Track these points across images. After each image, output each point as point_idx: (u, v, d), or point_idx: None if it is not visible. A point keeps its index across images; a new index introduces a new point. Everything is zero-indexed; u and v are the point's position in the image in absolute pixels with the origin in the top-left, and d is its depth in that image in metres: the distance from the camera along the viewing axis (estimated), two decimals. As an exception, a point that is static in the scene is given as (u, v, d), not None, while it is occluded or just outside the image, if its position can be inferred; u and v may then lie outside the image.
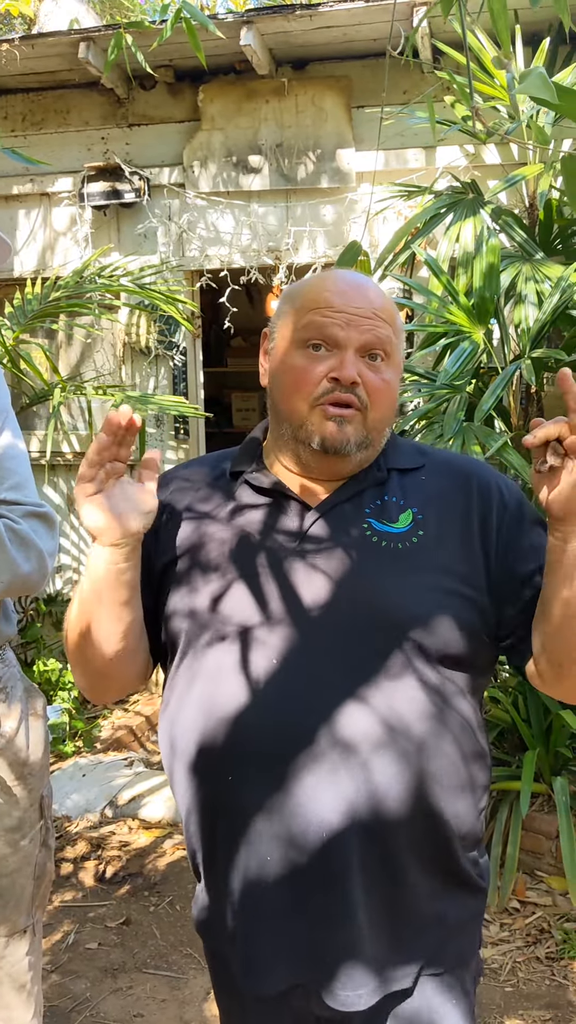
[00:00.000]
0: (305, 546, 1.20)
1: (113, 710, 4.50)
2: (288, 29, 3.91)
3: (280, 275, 4.33)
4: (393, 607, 1.16)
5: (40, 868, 1.70)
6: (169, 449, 4.67)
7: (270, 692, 1.16)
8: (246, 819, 1.17)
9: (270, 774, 1.15)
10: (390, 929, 1.15)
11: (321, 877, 1.14)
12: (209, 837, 1.23)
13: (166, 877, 3.17)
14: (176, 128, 4.44)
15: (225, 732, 1.18)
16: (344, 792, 1.12)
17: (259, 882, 1.17)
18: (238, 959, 1.20)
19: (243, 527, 1.25)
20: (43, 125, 4.57)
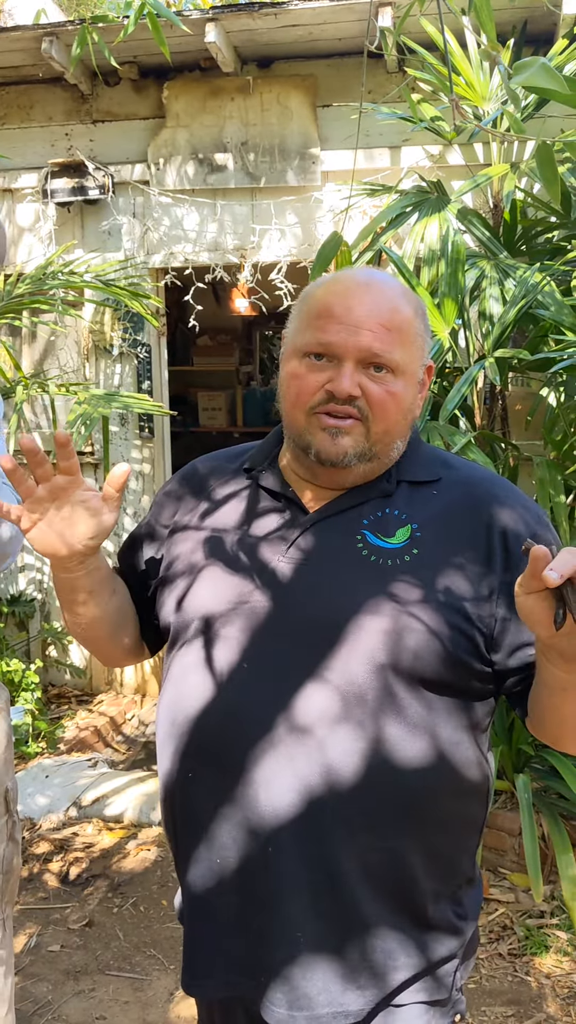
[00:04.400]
0: (292, 552, 1.19)
1: (77, 711, 4.46)
2: (253, 27, 3.90)
3: (245, 273, 4.32)
4: (363, 623, 1.12)
5: (7, 863, 1.67)
6: (134, 448, 4.64)
7: (226, 685, 1.16)
8: (201, 817, 1.17)
9: (223, 776, 1.15)
10: (339, 955, 1.11)
11: (264, 892, 1.12)
12: (173, 833, 1.24)
13: (130, 878, 3.15)
14: (141, 125, 4.42)
15: (185, 730, 1.18)
16: (295, 802, 1.10)
17: (206, 885, 1.16)
18: (182, 960, 1.21)
19: (241, 525, 1.24)
20: (5, 120, 4.52)
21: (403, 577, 1.14)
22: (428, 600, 1.12)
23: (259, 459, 1.31)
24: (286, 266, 4.26)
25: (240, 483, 1.30)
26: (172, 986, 2.59)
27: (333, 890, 1.10)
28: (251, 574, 1.19)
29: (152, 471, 4.66)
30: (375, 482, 1.22)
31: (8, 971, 1.72)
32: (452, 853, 1.17)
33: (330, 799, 1.09)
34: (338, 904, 1.10)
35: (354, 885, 1.10)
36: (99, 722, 4.29)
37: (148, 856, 3.27)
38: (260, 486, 1.27)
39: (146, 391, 4.49)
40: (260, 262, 4.31)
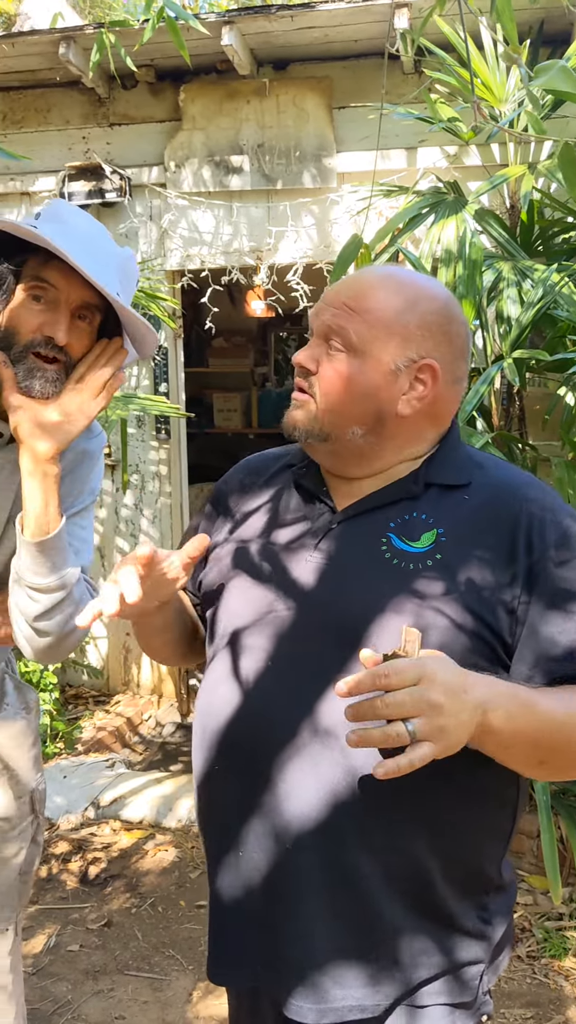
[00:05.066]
0: (318, 553, 1.20)
1: (94, 711, 4.48)
2: (269, 29, 3.91)
3: (261, 275, 4.32)
4: (385, 624, 1.11)
5: (27, 864, 1.69)
6: (151, 449, 4.65)
7: (253, 691, 1.17)
8: (227, 814, 1.19)
9: (249, 777, 1.16)
10: (355, 952, 1.11)
11: (283, 889, 1.13)
12: (203, 829, 1.27)
13: (148, 878, 3.16)
14: (157, 128, 4.43)
15: (213, 735, 1.20)
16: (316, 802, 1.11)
17: (229, 879, 1.19)
18: (208, 949, 1.22)
19: (273, 527, 1.26)
20: (23, 124, 4.54)
21: (425, 579, 1.13)
22: (450, 599, 1.11)
23: (302, 455, 1.31)
24: (302, 268, 4.26)
25: (281, 480, 1.32)
26: (191, 986, 2.60)
27: (350, 890, 1.11)
28: (277, 580, 1.20)
29: (168, 472, 4.67)
30: (403, 482, 1.21)
31: (17, 976, 1.74)
32: (473, 859, 1.16)
33: (350, 801, 1.10)
34: (355, 904, 1.11)
35: (371, 886, 1.10)
36: (116, 723, 4.30)
37: (166, 857, 3.28)
38: (297, 483, 1.28)
39: (163, 393, 4.50)
40: (276, 264, 4.32)
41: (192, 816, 3.46)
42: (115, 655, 4.80)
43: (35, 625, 1.37)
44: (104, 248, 1.35)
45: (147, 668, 4.76)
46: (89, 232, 1.35)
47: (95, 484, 1.54)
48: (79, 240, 1.29)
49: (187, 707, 4.64)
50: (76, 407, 1.33)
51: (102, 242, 1.36)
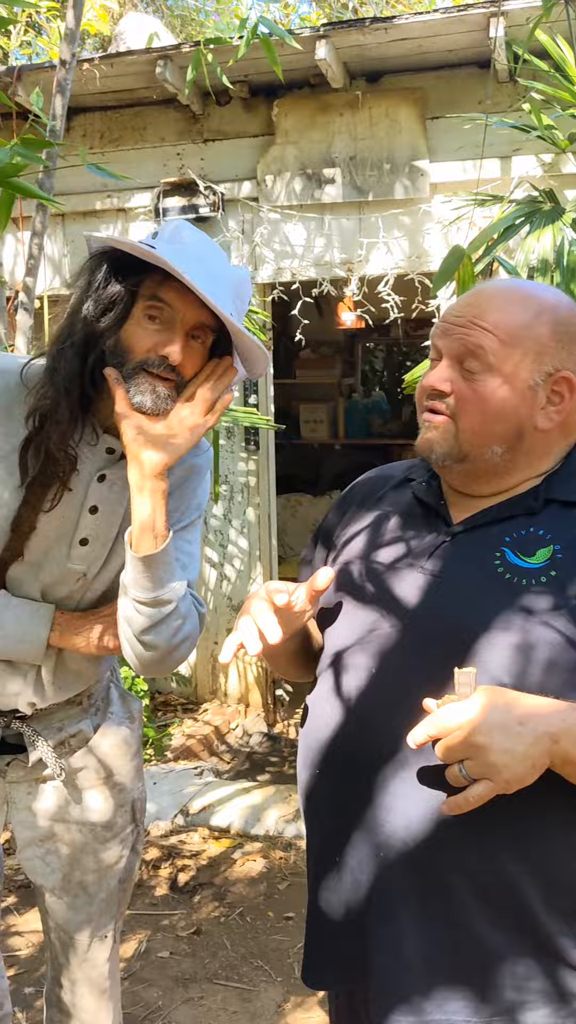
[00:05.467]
0: (429, 565, 1.20)
1: (183, 719, 4.53)
2: (363, 42, 3.92)
3: (352, 286, 4.33)
4: (492, 639, 1.10)
5: (127, 872, 1.71)
6: (240, 460, 4.69)
7: (357, 704, 1.18)
8: (326, 823, 1.21)
9: (348, 788, 1.17)
10: (443, 967, 1.09)
11: (374, 898, 1.13)
12: (308, 834, 1.28)
13: (237, 888, 3.17)
14: (250, 143, 4.49)
15: (317, 748, 1.21)
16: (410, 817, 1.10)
17: (325, 885, 1.20)
18: (304, 953, 1.24)
19: (387, 537, 1.27)
20: (120, 142, 4.65)
21: (537, 595, 1.11)
22: (561, 615, 1.09)
23: (423, 470, 1.32)
24: (393, 278, 4.25)
25: (400, 494, 1.32)
26: (280, 999, 2.60)
27: (441, 907, 1.10)
28: (384, 596, 1.20)
29: (257, 483, 4.70)
30: (522, 497, 1.20)
31: (115, 982, 1.77)
32: (563, 866, 1.12)
33: (446, 819, 1.08)
34: (445, 921, 1.10)
35: (464, 906, 1.09)
36: (204, 731, 4.34)
37: (254, 867, 3.29)
38: (416, 497, 1.28)
39: (252, 405, 4.54)
40: (367, 275, 4.32)
41: (280, 827, 3.47)
42: (203, 664, 4.84)
43: (141, 638, 1.39)
44: (220, 268, 1.36)
45: (234, 677, 4.79)
46: (206, 252, 1.36)
47: (202, 499, 1.56)
48: (196, 260, 1.30)
49: (274, 717, 4.65)
50: (186, 424, 1.34)
51: (218, 262, 1.38)
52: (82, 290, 1.37)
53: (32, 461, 1.39)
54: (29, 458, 1.39)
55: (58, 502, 1.42)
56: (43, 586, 1.49)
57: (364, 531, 1.30)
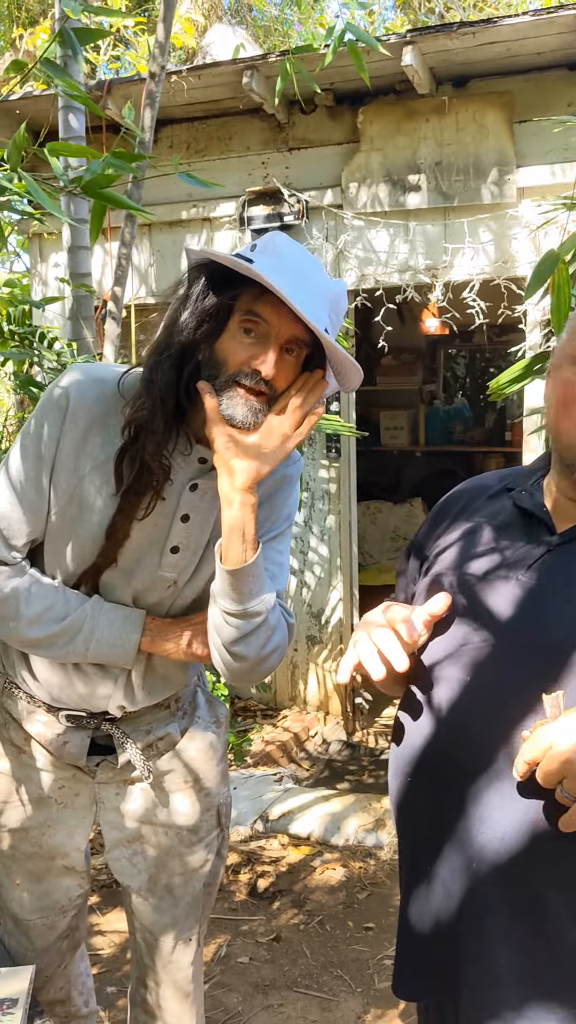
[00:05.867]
0: (530, 573, 1.18)
1: (263, 725, 4.54)
2: (450, 47, 3.89)
3: (436, 292, 4.29)
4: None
5: (212, 876, 1.72)
6: (321, 467, 4.70)
7: (451, 715, 1.16)
8: (418, 832, 1.20)
9: (441, 798, 1.15)
10: (540, 984, 1.08)
11: (465, 908, 1.12)
12: (400, 843, 1.28)
13: (316, 896, 3.17)
14: (335, 150, 4.49)
15: (409, 759, 1.20)
16: (503, 827, 1.09)
17: (417, 895, 1.19)
18: (395, 962, 1.24)
19: (486, 545, 1.24)
20: (206, 152, 4.71)
21: None
22: None
23: (522, 479, 1.30)
24: (479, 284, 4.20)
25: (498, 503, 1.30)
26: (360, 1009, 2.58)
27: (533, 921, 1.08)
28: (477, 608, 1.18)
29: (338, 490, 4.70)
30: None
31: (198, 986, 1.77)
32: None
33: (539, 832, 1.07)
34: (538, 935, 1.08)
35: (558, 921, 1.07)
36: (283, 737, 4.34)
37: (333, 875, 3.28)
38: (517, 506, 1.26)
39: (334, 412, 4.54)
40: (452, 281, 4.28)
41: (360, 836, 3.45)
42: (283, 670, 4.85)
43: (231, 649, 1.39)
44: (317, 283, 1.36)
45: (313, 684, 4.79)
46: (303, 266, 1.36)
47: (292, 509, 1.56)
48: (293, 275, 1.30)
49: (353, 726, 4.64)
50: (278, 435, 1.34)
51: (316, 276, 1.37)
52: (180, 301, 1.38)
53: (127, 470, 1.41)
54: (124, 467, 1.41)
55: (152, 511, 1.44)
56: (135, 592, 1.51)
57: (458, 542, 1.29)
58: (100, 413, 1.43)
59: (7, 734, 1.62)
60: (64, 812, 1.62)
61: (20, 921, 1.67)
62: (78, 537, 1.46)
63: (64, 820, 1.63)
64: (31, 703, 1.59)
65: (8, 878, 1.66)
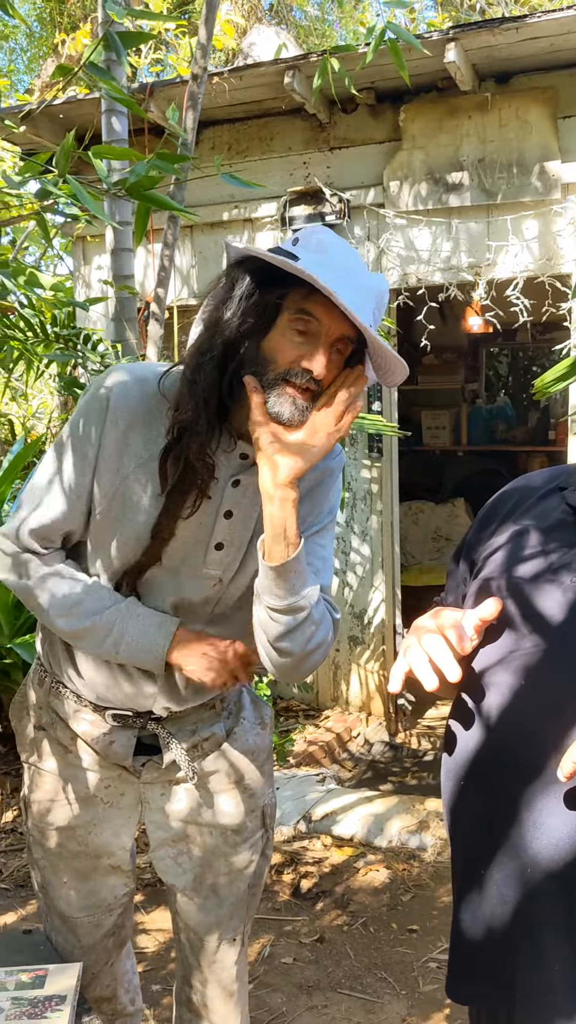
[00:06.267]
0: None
1: (305, 725, 4.54)
2: (493, 43, 3.86)
3: (479, 291, 4.26)
4: None
5: (256, 877, 1.72)
6: (363, 468, 4.68)
7: (503, 717, 1.15)
8: (470, 838, 1.19)
9: (494, 804, 1.14)
10: None
11: (520, 914, 1.10)
12: (452, 846, 1.26)
13: (359, 897, 3.15)
14: (376, 149, 4.48)
15: (461, 763, 1.19)
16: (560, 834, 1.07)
17: (470, 897, 1.17)
18: (448, 965, 1.22)
19: (535, 548, 1.22)
20: (248, 153, 4.72)
21: None
22: None
23: (574, 477, 1.28)
24: (522, 282, 4.16)
25: (549, 503, 1.28)
26: (404, 1012, 2.56)
27: None
28: (528, 612, 1.17)
29: (380, 490, 4.68)
30: None
31: (243, 986, 1.77)
32: None
33: None
34: None
35: None
36: (326, 738, 4.34)
37: (377, 877, 3.27)
38: (569, 504, 1.24)
39: (376, 412, 4.52)
40: (495, 279, 4.24)
41: (403, 838, 3.43)
42: (324, 671, 4.85)
43: (276, 645, 1.39)
44: (363, 280, 1.35)
45: (356, 685, 4.78)
46: (348, 263, 1.35)
47: (334, 503, 1.55)
48: (340, 272, 1.29)
49: (396, 727, 4.61)
50: (321, 434, 1.34)
51: (360, 272, 1.36)
52: (221, 300, 1.38)
53: (171, 470, 1.41)
54: (168, 467, 1.41)
55: (197, 509, 1.44)
56: (180, 591, 1.51)
57: (506, 545, 1.27)
58: (142, 412, 1.43)
59: (54, 734, 1.64)
60: (110, 811, 1.63)
61: (67, 919, 1.68)
62: (123, 536, 1.46)
63: (110, 819, 1.63)
64: (78, 702, 1.59)
65: (55, 876, 1.67)
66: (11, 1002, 1.45)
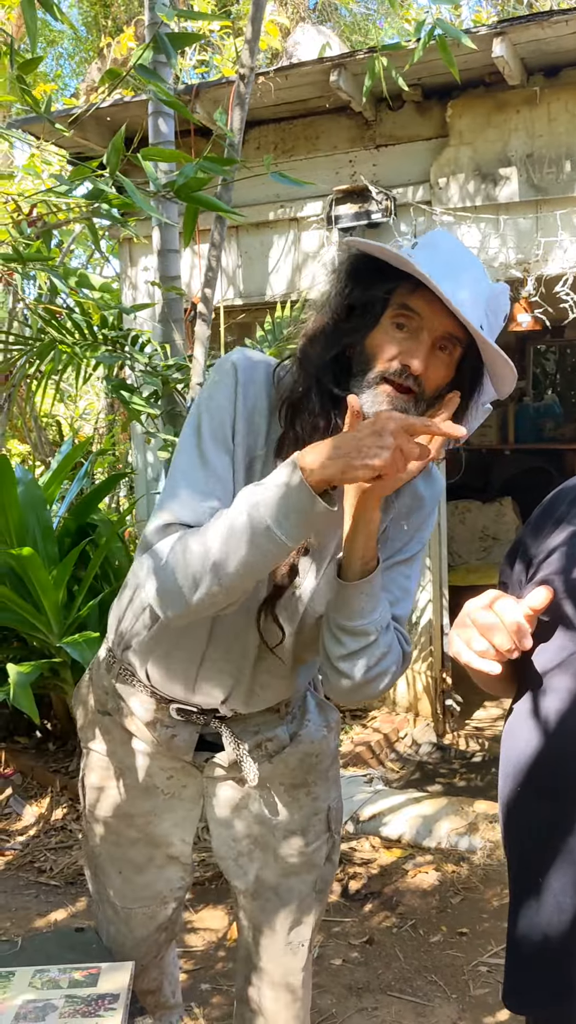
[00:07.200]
0: None
1: (352, 725, 4.52)
2: (542, 37, 3.80)
3: (528, 287, 4.21)
4: None
5: (322, 882, 1.69)
6: (410, 466, 4.64)
7: (562, 722, 1.13)
8: (528, 842, 1.17)
9: (552, 806, 1.12)
10: None
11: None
12: (507, 851, 1.25)
13: (408, 899, 3.13)
14: (423, 146, 4.44)
15: (520, 767, 1.17)
16: None
17: (528, 905, 1.15)
18: (505, 972, 1.21)
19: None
20: (293, 152, 4.71)
21: None
22: None
23: None
24: (572, 278, 4.10)
25: None
26: (455, 1015, 2.54)
27: None
28: None
29: (427, 490, 4.64)
30: None
31: (306, 993, 1.75)
32: None
33: None
34: None
35: None
36: (373, 738, 4.32)
37: (426, 879, 3.24)
38: None
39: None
40: (544, 275, 4.19)
41: (452, 840, 3.40)
42: (371, 671, 4.82)
43: (337, 665, 1.36)
44: (475, 279, 1.30)
45: (403, 685, 4.75)
46: (462, 262, 1.31)
47: (426, 533, 1.49)
48: (448, 267, 1.25)
49: (444, 728, 4.58)
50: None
51: (473, 272, 1.31)
52: (335, 291, 1.35)
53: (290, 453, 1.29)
54: (286, 452, 1.31)
55: None
56: None
57: (563, 546, 1.24)
58: (265, 394, 1.39)
59: (118, 719, 1.62)
60: (172, 802, 1.62)
61: (120, 909, 1.67)
62: None
63: (172, 809, 1.62)
64: (143, 691, 1.57)
65: (111, 866, 1.67)
66: (65, 1000, 1.46)
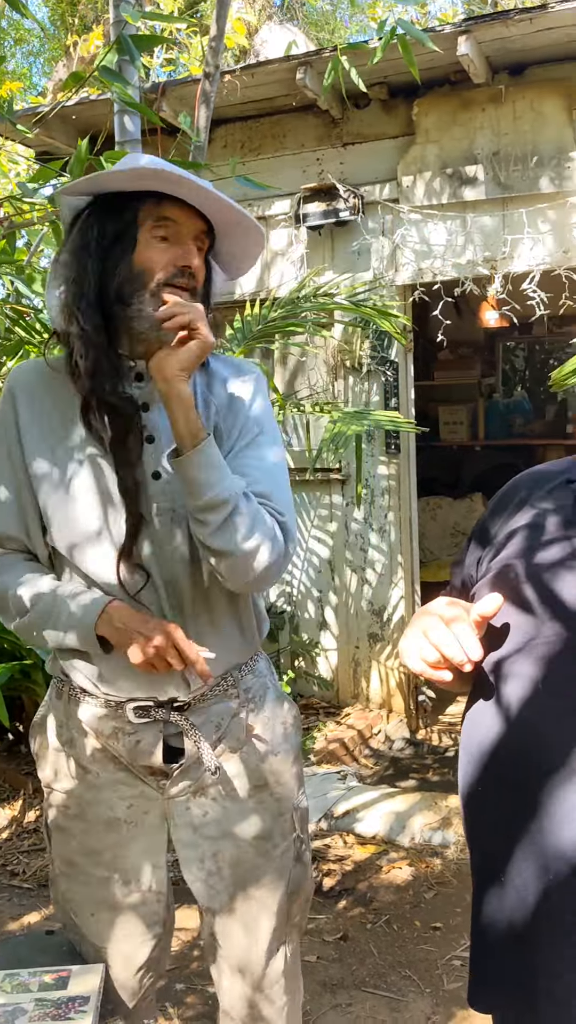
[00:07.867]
0: None
1: (327, 722, 4.54)
2: (507, 35, 3.83)
3: (495, 285, 4.23)
4: None
5: (295, 884, 1.66)
6: (380, 464, 4.67)
7: (520, 715, 1.13)
8: (488, 836, 1.17)
9: (514, 800, 1.12)
10: None
11: (539, 918, 1.08)
12: (470, 846, 1.24)
13: (382, 895, 3.15)
14: (390, 144, 4.46)
15: (479, 758, 1.17)
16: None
17: (488, 899, 1.15)
18: (468, 971, 1.20)
19: (553, 534, 1.21)
20: (260, 151, 4.71)
21: None
22: None
23: None
24: (539, 275, 4.13)
25: (563, 494, 1.26)
26: (429, 1010, 2.56)
27: None
28: (547, 600, 1.15)
29: (398, 487, 4.66)
30: None
31: (295, 1000, 1.72)
32: None
33: None
34: None
35: None
36: (347, 735, 4.33)
37: (399, 874, 3.26)
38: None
39: (393, 408, 4.51)
40: (511, 272, 4.22)
41: (426, 835, 3.42)
42: (344, 668, 4.84)
43: (210, 545, 1.40)
44: None
45: (376, 682, 4.77)
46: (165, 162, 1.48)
47: (261, 417, 1.56)
48: (164, 163, 1.44)
49: (417, 723, 4.60)
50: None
51: None
52: (79, 248, 1.44)
53: (97, 423, 1.45)
54: (94, 421, 1.45)
55: (141, 449, 1.48)
56: (159, 541, 1.49)
57: (522, 531, 1.25)
58: (42, 385, 1.50)
59: (72, 751, 1.59)
60: (135, 830, 1.59)
61: (100, 949, 1.62)
62: (93, 509, 1.47)
63: (136, 839, 1.59)
64: (98, 704, 1.54)
65: (84, 910, 1.63)
66: (35, 1003, 1.46)
